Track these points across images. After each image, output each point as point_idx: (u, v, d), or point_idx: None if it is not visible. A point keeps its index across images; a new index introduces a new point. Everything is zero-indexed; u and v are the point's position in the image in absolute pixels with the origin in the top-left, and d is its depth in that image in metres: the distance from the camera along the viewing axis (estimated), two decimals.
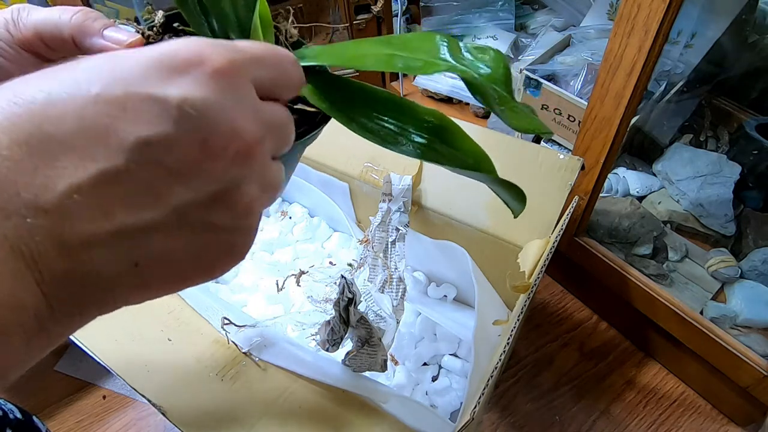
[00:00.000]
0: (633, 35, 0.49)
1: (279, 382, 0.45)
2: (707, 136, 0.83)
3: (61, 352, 0.80)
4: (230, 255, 0.20)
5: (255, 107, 0.18)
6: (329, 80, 0.25)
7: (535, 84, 0.78)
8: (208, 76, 0.17)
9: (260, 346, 0.46)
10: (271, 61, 0.19)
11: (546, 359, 0.76)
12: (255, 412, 0.43)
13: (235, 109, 0.17)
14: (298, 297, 0.65)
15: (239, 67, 0.18)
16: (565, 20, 0.99)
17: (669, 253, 0.72)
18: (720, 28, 0.72)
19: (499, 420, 0.70)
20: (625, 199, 0.76)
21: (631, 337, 0.78)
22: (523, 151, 0.54)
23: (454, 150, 0.25)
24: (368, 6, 0.97)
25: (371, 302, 0.52)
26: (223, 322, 0.47)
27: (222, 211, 0.18)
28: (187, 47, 0.17)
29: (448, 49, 0.23)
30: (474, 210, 0.56)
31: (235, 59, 0.18)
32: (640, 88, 0.53)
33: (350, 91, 0.25)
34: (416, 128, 0.24)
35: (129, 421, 0.73)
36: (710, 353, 0.63)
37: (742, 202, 0.74)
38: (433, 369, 0.63)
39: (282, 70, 0.20)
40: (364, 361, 0.43)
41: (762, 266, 0.67)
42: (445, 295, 0.66)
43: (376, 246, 0.57)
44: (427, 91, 1.02)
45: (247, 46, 0.19)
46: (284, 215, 0.74)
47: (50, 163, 0.15)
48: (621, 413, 0.70)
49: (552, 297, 0.84)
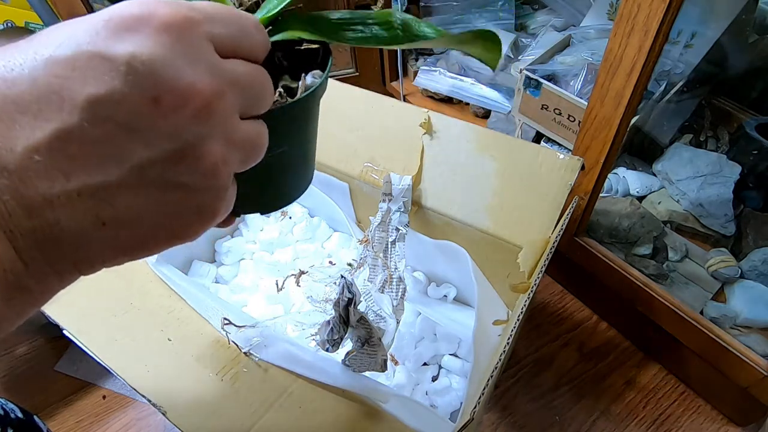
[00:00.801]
0: (633, 35, 0.49)
1: (279, 382, 0.45)
2: (707, 136, 0.83)
3: (61, 352, 0.81)
4: (199, 215, 0.19)
5: (211, 62, 0.18)
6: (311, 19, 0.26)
7: (535, 84, 0.78)
8: (157, 30, 0.16)
9: (260, 346, 0.46)
10: (229, 19, 0.19)
11: (546, 359, 0.76)
12: (255, 412, 0.43)
13: (188, 63, 0.17)
14: (298, 297, 0.65)
15: (192, 22, 0.17)
16: (565, 20, 0.99)
17: (669, 253, 0.72)
18: (720, 28, 0.72)
19: (499, 420, 0.70)
20: (625, 199, 0.76)
21: (631, 337, 0.78)
22: (523, 151, 0.54)
23: (418, 34, 0.25)
24: (368, 6, 0.97)
25: (371, 302, 0.52)
26: (223, 322, 0.47)
27: (184, 170, 0.18)
28: (139, 4, 0.17)
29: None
30: (474, 210, 0.56)
31: (188, 15, 0.17)
32: (640, 88, 0.53)
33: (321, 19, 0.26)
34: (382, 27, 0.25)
35: (129, 421, 0.73)
36: (710, 353, 0.63)
37: (742, 202, 0.74)
38: (433, 369, 0.63)
39: (242, 28, 0.20)
40: (364, 361, 0.43)
41: (762, 266, 0.67)
42: (445, 295, 0.66)
43: (376, 246, 0.57)
44: (426, 91, 1.02)
45: (204, 4, 0.19)
46: (284, 215, 0.74)
47: (10, 125, 0.15)
48: (621, 413, 0.70)
49: (552, 297, 0.84)
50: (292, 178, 0.29)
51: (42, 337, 0.83)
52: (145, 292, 0.52)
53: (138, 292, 0.52)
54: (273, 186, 0.29)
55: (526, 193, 0.54)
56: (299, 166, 0.29)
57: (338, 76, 1.07)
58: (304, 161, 0.29)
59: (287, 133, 0.25)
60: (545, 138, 0.83)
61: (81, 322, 0.48)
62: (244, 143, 0.20)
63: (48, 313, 0.48)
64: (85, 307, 0.50)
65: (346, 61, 1.09)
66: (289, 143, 0.26)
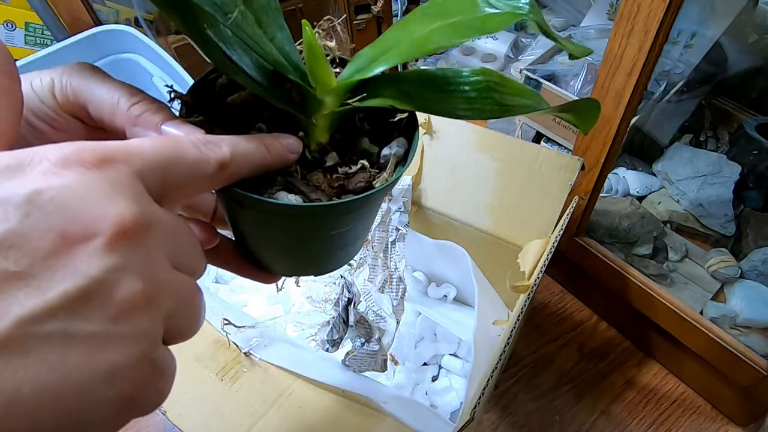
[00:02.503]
0: (633, 35, 0.49)
1: (279, 382, 0.45)
2: (707, 136, 0.83)
3: None
4: (109, 382, 0.14)
5: (134, 194, 0.15)
6: (397, 78, 0.23)
7: (535, 84, 0.78)
8: (53, 167, 0.14)
9: (260, 347, 0.46)
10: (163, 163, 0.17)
11: (546, 359, 0.76)
12: (255, 412, 0.43)
13: (103, 194, 0.15)
14: (298, 297, 0.65)
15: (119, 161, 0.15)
16: (565, 20, 0.99)
17: (669, 253, 0.72)
18: (720, 28, 0.72)
19: (499, 420, 0.70)
20: (625, 199, 0.76)
21: (631, 337, 0.78)
22: (523, 151, 0.54)
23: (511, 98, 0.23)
24: (368, 6, 0.97)
25: (371, 302, 0.52)
26: (222, 322, 0.47)
27: (92, 313, 0.14)
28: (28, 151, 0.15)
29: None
30: (474, 210, 0.56)
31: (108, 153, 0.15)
32: (640, 88, 0.53)
33: (422, 80, 0.23)
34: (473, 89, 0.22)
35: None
36: (710, 353, 0.63)
37: (742, 202, 0.74)
38: (433, 369, 0.63)
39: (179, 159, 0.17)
40: (364, 361, 0.43)
41: (762, 266, 0.67)
42: (445, 295, 0.66)
43: (376, 246, 0.57)
44: None
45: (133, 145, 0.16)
46: None
47: None
48: (621, 413, 0.70)
49: (552, 297, 0.84)
50: (346, 251, 0.27)
51: None
52: None
53: None
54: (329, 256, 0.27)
55: (526, 193, 0.54)
56: (357, 240, 0.27)
57: None
58: (363, 234, 0.28)
59: (358, 217, 0.24)
60: (545, 138, 0.83)
61: None
62: (177, 289, 0.16)
63: None
64: None
65: None
66: (354, 224, 0.24)
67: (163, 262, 0.16)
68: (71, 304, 0.13)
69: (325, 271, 0.28)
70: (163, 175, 0.17)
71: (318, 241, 0.24)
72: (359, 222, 0.25)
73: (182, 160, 0.17)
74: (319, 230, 0.23)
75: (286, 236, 0.24)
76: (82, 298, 0.14)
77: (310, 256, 0.26)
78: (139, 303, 0.15)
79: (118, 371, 0.14)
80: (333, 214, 0.22)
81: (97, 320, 0.14)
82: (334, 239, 0.24)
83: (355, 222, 0.24)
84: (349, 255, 0.28)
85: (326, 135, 0.23)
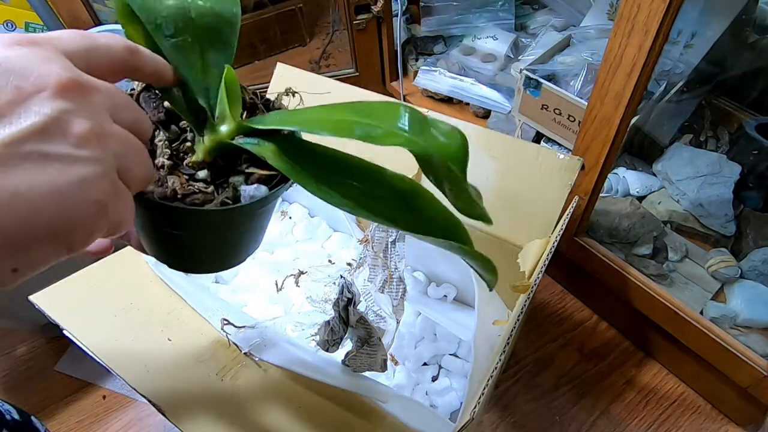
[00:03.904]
0: (633, 35, 0.49)
1: (279, 382, 0.45)
2: (707, 136, 0.83)
3: (61, 352, 0.81)
4: (82, 189, 0.19)
5: (70, 67, 0.20)
6: (296, 144, 0.26)
7: (535, 84, 0.78)
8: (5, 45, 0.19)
9: (260, 347, 0.46)
10: (82, 41, 0.21)
11: (546, 359, 0.76)
12: (255, 412, 0.43)
13: (48, 63, 0.19)
14: (298, 297, 0.65)
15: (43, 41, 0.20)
16: (565, 20, 0.99)
17: (669, 253, 0.72)
18: (720, 28, 0.72)
19: (499, 420, 0.70)
20: (625, 199, 0.76)
21: (631, 337, 0.78)
22: (523, 151, 0.54)
23: (422, 216, 0.25)
24: (368, 6, 0.97)
25: (371, 302, 0.52)
26: (222, 323, 0.47)
27: (56, 140, 0.18)
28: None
29: (409, 120, 0.23)
30: None
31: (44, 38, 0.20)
32: (640, 88, 0.53)
33: (317, 156, 0.25)
34: (386, 193, 0.25)
35: (129, 421, 0.73)
36: (710, 353, 0.63)
37: (742, 202, 0.74)
38: (433, 369, 0.63)
39: (95, 47, 0.22)
40: (364, 361, 0.43)
41: (762, 266, 0.67)
42: (445, 295, 0.66)
43: (375, 246, 0.57)
44: (426, 91, 1.02)
45: (60, 33, 0.21)
46: (284, 215, 0.74)
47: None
48: (621, 413, 0.70)
49: (552, 297, 0.84)
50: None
51: (42, 337, 0.83)
52: (145, 292, 0.52)
53: (138, 292, 0.52)
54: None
55: (526, 193, 0.54)
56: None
57: (338, 76, 1.07)
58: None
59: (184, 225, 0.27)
60: (545, 138, 0.83)
61: (81, 322, 0.48)
62: (120, 135, 0.21)
63: (48, 313, 0.48)
64: (85, 307, 0.50)
65: (347, 61, 1.09)
66: (189, 232, 0.28)
67: (105, 115, 0.20)
68: (38, 134, 0.18)
69: (168, 264, 0.31)
70: (86, 55, 0.21)
71: (154, 233, 0.29)
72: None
73: (96, 45, 0.22)
74: (154, 223, 0.28)
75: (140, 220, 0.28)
76: (46, 129, 0.18)
77: (155, 244, 0.30)
78: (90, 136, 0.19)
79: (87, 181, 0.19)
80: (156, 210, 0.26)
81: (62, 145, 0.18)
82: (168, 236, 0.28)
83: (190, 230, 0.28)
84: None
85: (209, 156, 0.27)
